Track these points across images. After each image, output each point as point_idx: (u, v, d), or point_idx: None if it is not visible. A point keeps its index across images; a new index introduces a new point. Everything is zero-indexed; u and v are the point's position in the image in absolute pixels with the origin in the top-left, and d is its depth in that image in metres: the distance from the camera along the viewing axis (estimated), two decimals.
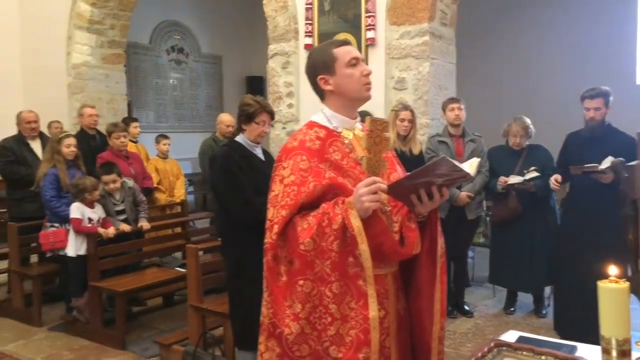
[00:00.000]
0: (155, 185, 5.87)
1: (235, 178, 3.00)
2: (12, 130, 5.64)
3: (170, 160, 6.41)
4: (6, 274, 5.57)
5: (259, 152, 3.22)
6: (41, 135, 5.48)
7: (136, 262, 4.83)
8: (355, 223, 1.73)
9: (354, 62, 1.90)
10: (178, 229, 5.50)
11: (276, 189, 1.88)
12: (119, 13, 7.79)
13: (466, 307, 4.76)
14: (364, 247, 1.75)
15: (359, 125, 1.99)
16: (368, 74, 1.91)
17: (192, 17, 10.68)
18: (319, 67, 1.93)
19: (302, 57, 5.74)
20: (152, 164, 6.13)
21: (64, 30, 7.67)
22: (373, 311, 1.78)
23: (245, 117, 3.11)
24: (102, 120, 6.62)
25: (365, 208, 1.72)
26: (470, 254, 5.30)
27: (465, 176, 1.80)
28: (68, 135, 4.75)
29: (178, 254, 5.44)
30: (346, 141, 1.92)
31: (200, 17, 10.77)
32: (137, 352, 4.04)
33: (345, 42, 1.96)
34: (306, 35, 5.67)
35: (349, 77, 1.89)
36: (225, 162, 3.06)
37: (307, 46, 5.66)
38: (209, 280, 3.89)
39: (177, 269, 4.58)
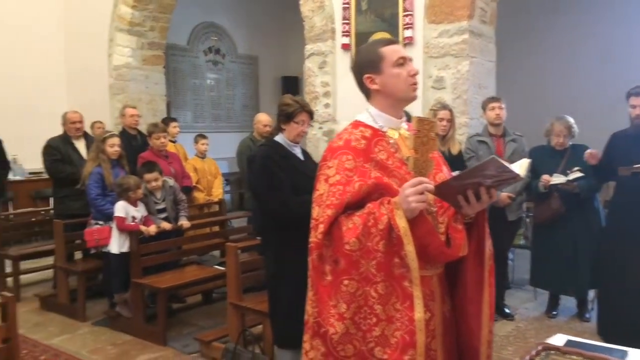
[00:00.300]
0: (193, 184, 5.95)
1: (274, 177, 3.02)
2: (57, 130, 5.81)
3: (208, 159, 6.49)
4: (52, 270, 5.76)
5: (298, 151, 3.23)
6: (85, 135, 5.62)
7: (176, 260, 4.91)
8: (401, 223, 1.73)
9: (401, 62, 1.89)
10: (216, 228, 5.58)
11: (321, 188, 1.88)
12: (158, 15, 7.94)
13: (507, 310, 4.68)
14: (410, 248, 1.74)
15: (404, 125, 1.98)
16: (415, 74, 1.90)
17: (228, 19, 10.81)
18: (366, 66, 1.92)
19: (339, 56, 5.75)
20: (190, 164, 6.21)
21: (106, 33, 7.87)
22: (419, 313, 1.77)
23: (285, 116, 3.12)
24: (142, 120, 6.75)
25: (411, 208, 1.71)
26: (510, 255, 5.21)
27: (514, 177, 1.77)
28: (112, 135, 4.86)
29: (216, 252, 5.51)
30: (391, 141, 1.92)
31: (237, 18, 10.88)
32: (177, 348, 4.10)
33: (393, 41, 1.96)
34: (343, 35, 5.67)
35: (396, 77, 1.88)
36: (264, 161, 3.08)
37: (344, 46, 5.67)
38: (247, 279, 3.94)
39: (216, 267, 4.64)
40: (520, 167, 1.79)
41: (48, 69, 8.48)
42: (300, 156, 3.22)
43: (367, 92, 1.98)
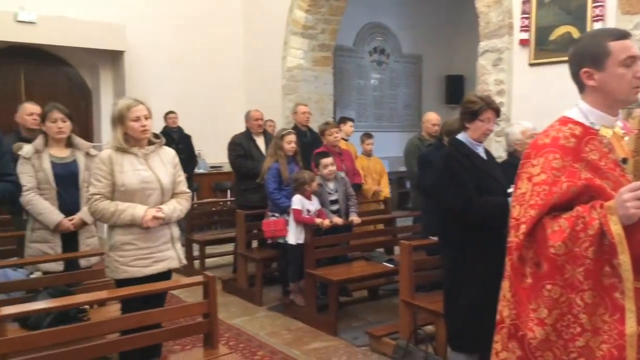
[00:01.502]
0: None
1: (457, 177, 2.98)
2: (236, 128, 6.33)
3: (374, 158, 6.59)
4: (231, 256, 6.28)
5: (481, 151, 3.16)
6: (264, 132, 6.03)
7: (344, 254, 5.07)
8: (616, 230, 1.60)
9: (629, 62, 1.73)
10: (380, 226, 5.65)
11: (523, 186, 1.81)
12: (329, 18, 8.25)
13: None
14: (624, 258, 1.61)
15: (619, 123, 1.83)
16: None
17: (394, 18, 10.88)
18: (586, 58, 1.78)
19: (516, 53, 5.49)
20: (357, 162, 6.36)
21: (281, 37, 8.35)
22: (630, 327, 1.64)
23: (470, 114, 3.06)
24: (311, 118, 7.05)
25: (629, 215, 1.58)
26: None
27: None
28: (290, 132, 5.14)
29: (380, 250, 5.58)
30: (605, 140, 1.79)
31: (403, 17, 10.91)
32: (348, 339, 4.23)
33: (624, 35, 1.79)
34: (521, 30, 5.40)
35: (619, 78, 1.73)
36: (447, 160, 3.05)
37: (522, 41, 5.40)
38: (418, 278, 3.93)
39: (385, 264, 4.70)
40: None
41: (229, 72, 9.25)
42: (484, 155, 3.14)
43: (580, 86, 1.84)
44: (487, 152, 3.23)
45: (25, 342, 2.49)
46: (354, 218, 4.94)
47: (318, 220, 4.61)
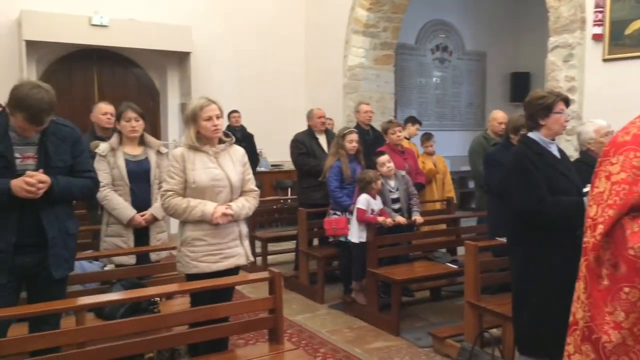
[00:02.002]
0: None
1: (529, 176, 2.90)
2: (297, 127, 6.38)
3: (437, 157, 6.50)
4: (292, 253, 6.35)
5: (554, 149, 3.05)
6: (326, 130, 6.05)
7: (406, 254, 5.02)
8: None
9: None
10: (442, 226, 5.57)
11: (601, 185, 1.75)
12: (391, 16, 8.19)
13: None
14: None
15: None
16: None
17: (458, 15, 10.69)
18: None
19: (588, 48, 5.28)
20: (419, 161, 6.28)
21: (343, 35, 8.37)
22: None
23: (544, 109, 2.96)
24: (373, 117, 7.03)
25: None
26: None
27: None
28: (351, 132, 5.14)
29: (442, 250, 5.50)
30: None
31: (467, 14, 10.70)
32: (410, 340, 4.19)
33: None
34: (595, 25, 5.18)
35: None
36: (519, 159, 2.97)
37: (595, 36, 5.18)
38: (484, 279, 3.84)
39: (449, 264, 4.63)
40: None
41: (290, 70, 9.35)
42: (557, 154, 3.04)
43: None
44: (560, 150, 3.12)
45: (103, 331, 2.60)
46: (417, 217, 4.88)
47: (381, 219, 4.59)
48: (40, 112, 2.52)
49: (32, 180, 2.53)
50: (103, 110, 4.68)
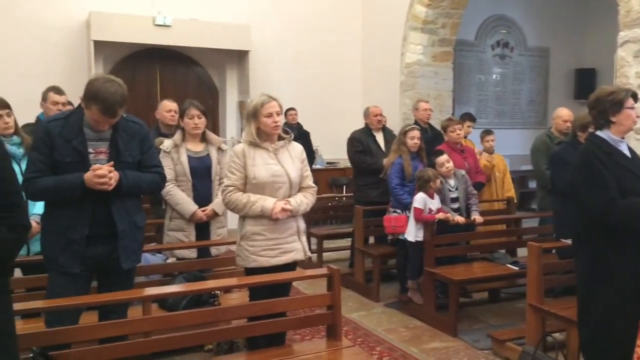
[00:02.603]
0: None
1: (598, 176, 2.78)
2: (353, 125, 6.37)
3: (496, 155, 6.34)
4: (347, 251, 6.35)
5: (624, 148, 2.92)
6: (383, 128, 6.01)
7: (463, 254, 4.93)
8: None
9: None
10: (502, 226, 5.43)
11: None
12: (450, 12, 8.04)
13: None
14: None
15: None
16: None
17: (519, 10, 10.39)
18: None
19: None
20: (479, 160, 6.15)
21: (400, 32, 8.27)
22: None
23: (616, 105, 2.84)
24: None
25: None
26: None
27: None
28: (413, 128, 5.07)
29: (502, 251, 5.36)
30: None
31: (529, 8, 10.39)
32: (468, 341, 4.11)
33: None
34: None
35: None
36: (587, 158, 2.86)
37: None
38: (547, 281, 3.72)
39: (509, 266, 4.51)
40: None
41: (346, 68, 9.34)
42: (627, 152, 2.91)
43: None
44: (630, 149, 2.98)
45: (167, 321, 2.69)
46: (477, 217, 4.78)
47: (441, 215, 4.52)
48: (113, 104, 2.63)
49: (102, 172, 2.64)
50: (167, 108, 4.82)
